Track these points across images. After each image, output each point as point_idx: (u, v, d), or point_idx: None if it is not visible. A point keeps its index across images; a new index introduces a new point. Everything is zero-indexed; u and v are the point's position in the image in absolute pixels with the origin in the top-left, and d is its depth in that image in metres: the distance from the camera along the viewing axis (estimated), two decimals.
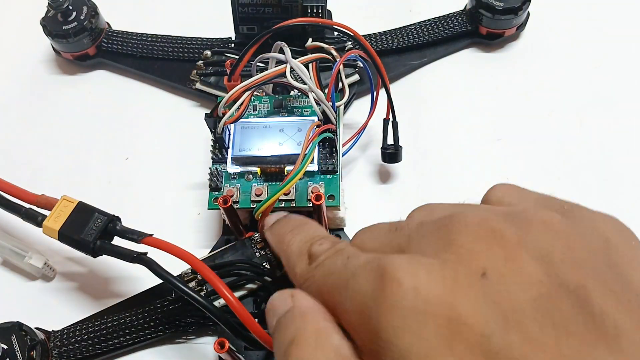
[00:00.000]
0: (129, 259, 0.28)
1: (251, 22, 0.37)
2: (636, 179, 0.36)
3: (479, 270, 0.15)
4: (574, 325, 0.14)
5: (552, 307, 0.15)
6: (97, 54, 0.42)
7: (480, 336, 0.14)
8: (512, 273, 0.15)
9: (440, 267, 0.16)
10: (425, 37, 0.41)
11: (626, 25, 0.43)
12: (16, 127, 0.40)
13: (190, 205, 0.36)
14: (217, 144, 0.32)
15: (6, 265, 0.35)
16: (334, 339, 0.17)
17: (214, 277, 0.25)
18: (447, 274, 0.16)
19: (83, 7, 0.40)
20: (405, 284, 0.15)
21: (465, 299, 0.15)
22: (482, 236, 0.16)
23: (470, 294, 0.15)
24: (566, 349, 0.14)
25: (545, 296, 0.15)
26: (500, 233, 0.16)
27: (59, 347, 0.30)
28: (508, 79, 0.41)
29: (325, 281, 0.19)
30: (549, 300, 0.15)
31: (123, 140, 0.39)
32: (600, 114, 0.39)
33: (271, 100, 0.34)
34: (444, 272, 0.16)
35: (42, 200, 0.30)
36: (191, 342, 0.32)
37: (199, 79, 0.39)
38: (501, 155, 0.38)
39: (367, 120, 0.35)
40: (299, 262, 0.21)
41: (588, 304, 0.15)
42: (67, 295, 0.33)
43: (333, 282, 0.19)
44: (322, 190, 0.31)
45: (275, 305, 0.20)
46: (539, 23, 0.43)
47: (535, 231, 0.17)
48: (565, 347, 0.14)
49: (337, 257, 0.19)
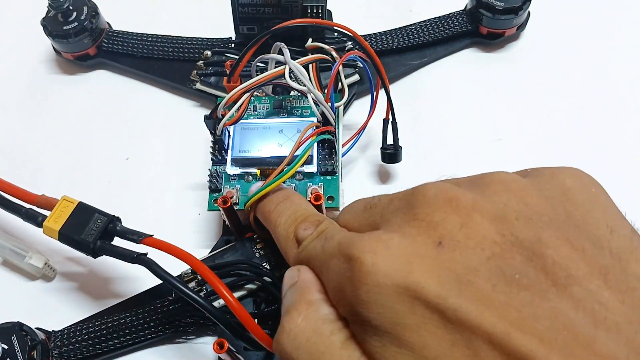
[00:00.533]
0: (129, 259, 0.28)
1: (251, 22, 0.37)
2: (636, 179, 0.36)
3: (435, 240, 0.17)
4: (525, 279, 0.16)
5: (505, 265, 0.16)
6: (98, 54, 0.42)
7: (437, 297, 0.16)
8: (466, 238, 0.17)
9: (398, 240, 0.17)
10: (425, 37, 0.41)
11: (626, 25, 0.43)
12: (16, 127, 0.40)
13: (190, 206, 0.36)
14: (216, 145, 0.32)
15: (6, 265, 0.35)
16: (323, 309, 0.19)
17: (213, 277, 0.25)
18: (404, 245, 0.17)
19: (83, 7, 0.40)
20: (365, 263, 0.17)
21: (422, 267, 0.16)
22: (439, 205, 0.18)
23: (426, 263, 0.17)
24: (517, 302, 0.15)
25: (498, 255, 0.16)
26: (455, 201, 0.18)
27: (59, 347, 0.30)
28: (508, 79, 0.41)
29: (311, 263, 0.21)
30: (502, 258, 0.16)
31: (123, 140, 0.39)
32: (600, 113, 0.39)
33: (271, 101, 0.34)
34: (402, 244, 0.17)
35: (42, 200, 0.30)
36: (191, 342, 0.32)
37: (199, 79, 0.39)
38: (501, 155, 0.38)
39: (367, 120, 0.35)
40: (289, 248, 0.24)
41: (541, 257, 0.16)
42: (67, 296, 0.34)
43: (316, 264, 0.21)
44: (321, 191, 0.31)
45: (286, 280, 0.22)
46: (540, 23, 0.43)
47: (493, 192, 0.18)
48: (516, 300, 0.15)
49: (318, 241, 0.22)
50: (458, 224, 0.17)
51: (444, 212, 0.17)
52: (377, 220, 0.20)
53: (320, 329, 0.19)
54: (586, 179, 0.19)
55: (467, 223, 0.17)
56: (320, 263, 0.20)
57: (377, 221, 0.20)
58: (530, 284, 0.15)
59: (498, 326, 0.15)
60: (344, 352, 0.18)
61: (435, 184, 0.19)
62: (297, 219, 0.24)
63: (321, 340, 0.18)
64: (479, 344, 0.15)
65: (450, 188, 0.18)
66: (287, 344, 0.19)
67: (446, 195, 0.18)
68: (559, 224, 0.17)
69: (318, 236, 0.22)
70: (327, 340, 0.18)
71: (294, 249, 0.23)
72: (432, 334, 0.16)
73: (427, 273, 0.16)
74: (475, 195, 0.18)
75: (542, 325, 0.15)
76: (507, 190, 0.18)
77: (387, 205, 0.20)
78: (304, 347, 0.18)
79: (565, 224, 0.17)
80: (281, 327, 0.20)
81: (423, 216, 0.18)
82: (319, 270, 0.21)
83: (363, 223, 0.21)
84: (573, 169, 0.19)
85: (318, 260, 0.21)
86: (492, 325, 0.15)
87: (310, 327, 0.19)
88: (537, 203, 0.17)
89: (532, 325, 0.15)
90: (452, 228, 0.17)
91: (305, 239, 0.22)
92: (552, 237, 0.16)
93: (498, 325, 0.15)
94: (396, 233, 0.18)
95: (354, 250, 0.18)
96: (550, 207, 0.17)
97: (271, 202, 0.27)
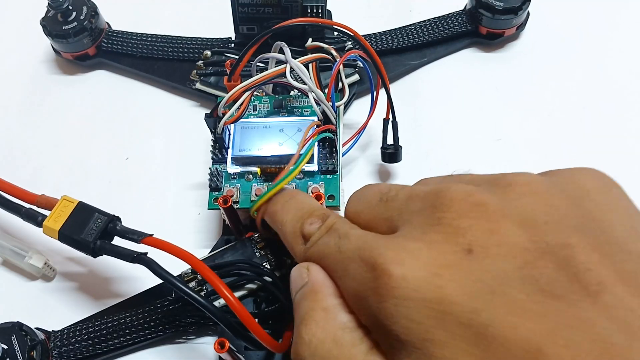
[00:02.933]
0: (129, 259, 0.27)
1: (251, 22, 0.37)
2: (636, 179, 0.36)
3: (464, 247, 0.16)
4: (559, 288, 0.15)
5: (538, 273, 0.15)
6: (97, 54, 0.42)
7: (469, 312, 0.15)
8: (497, 245, 0.16)
9: (427, 250, 0.17)
10: (425, 37, 0.41)
11: (626, 24, 0.43)
12: (16, 127, 0.40)
13: (190, 205, 0.36)
14: (217, 144, 0.32)
15: (6, 265, 0.35)
16: (341, 317, 0.18)
17: (214, 277, 0.25)
18: (433, 256, 0.16)
19: (83, 7, 0.40)
20: (394, 275, 0.16)
21: (452, 279, 0.16)
22: (466, 211, 0.17)
23: (457, 274, 0.16)
24: (552, 312, 0.15)
25: (530, 263, 0.15)
26: (484, 206, 0.17)
27: (59, 347, 0.30)
28: (508, 79, 0.41)
29: (322, 262, 0.20)
30: (534, 266, 0.15)
31: (123, 140, 0.39)
32: (601, 114, 0.39)
33: (271, 100, 0.34)
34: (430, 254, 0.16)
35: (42, 200, 0.30)
36: (191, 342, 0.32)
37: (199, 79, 0.39)
38: (501, 155, 0.38)
39: (367, 120, 0.35)
40: (295, 244, 0.23)
41: (573, 263, 0.15)
42: (67, 295, 0.33)
43: (329, 264, 0.20)
44: (322, 190, 0.31)
45: (294, 279, 0.21)
46: (539, 23, 0.43)
47: (517, 195, 0.17)
48: (552, 310, 0.15)
49: (330, 237, 0.20)
50: (487, 230, 0.16)
51: (472, 218, 0.17)
52: (394, 218, 0.19)
53: (340, 340, 0.18)
54: (606, 180, 0.18)
55: (497, 229, 0.16)
56: (336, 264, 0.19)
57: (394, 218, 0.19)
58: (563, 292, 0.15)
59: (533, 341, 0.14)
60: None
61: (460, 187, 0.18)
62: (303, 215, 0.23)
63: (342, 353, 0.18)
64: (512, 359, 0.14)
65: (476, 191, 0.17)
66: (307, 356, 0.18)
67: (473, 199, 0.17)
68: (586, 228, 0.16)
69: (327, 231, 0.21)
70: (349, 352, 0.18)
71: (301, 244, 0.22)
72: (463, 351, 0.15)
73: (458, 286, 0.16)
74: (502, 199, 0.17)
75: (578, 337, 0.14)
76: (533, 193, 0.17)
77: (405, 202, 0.19)
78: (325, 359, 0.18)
79: (592, 228, 0.16)
80: (299, 337, 0.19)
81: (449, 221, 0.17)
82: (333, 271, 0.20)
83: (378, 217, 0.20)
84: (591, 170, 0.18)
85: (332, 260, 0.20)
86: (526, 341, 0.14)
87: (329, 337, 0.18)
88: (564, 206, 0.17)
89: (568, 337, 0.14)
90: (482, 235, 0.16)
91: (313, 233, 0.21)
92: (582, 242, 0.16)
93: (533, 340, 0.14)
94: (422, 242, 0.17)
95: (378, 259, 0.17)
96: (575, 209, 0.17)
97: (277, 202, 0.26)
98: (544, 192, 0.17)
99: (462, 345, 0.15)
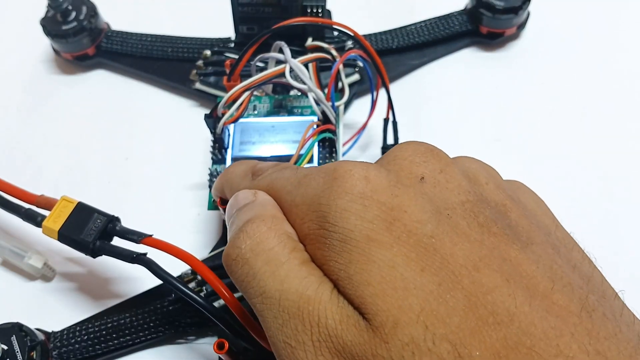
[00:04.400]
0: (129, 259, 0.27)
1: (251, 22, 0.37)
2: (637, 179, 0.36)
3: (418, 175, 0.18)
4: (495, 228, 0.17)
5: (478, 211, 0.17)
6: (97, 54, 0.42)
7: (417, 222, 0.16)
8: (446, 181, 0.18)
9: (386, 172, 0.18)
10: (425, 37, 0.41)
11: (627, 24, 0.43)
12: (15, 127, 0.40)
13: (190, 206, 0.36)
14: (216, 144, 0.32)
15: (6, 266, 0.34)
16: (287, 226, 0.19)
17: (213, 277, 0.25)
18: (391, 177, 0.18)
19: (82, 7, 0.40)
20: (356, 174, 0.17)
21: (406, 193, 0.17)
22: (421, 151, 0.19)
23: (411, 191, 0.17)
24: (488, 243, 0.16)
25: (472, 202, 0.17)
26: (436, 151, 0.19)
27: (59, 348, 0.30)
28: (508, 79, 0.41)
29: (273, 185, 0.20)
30: (475, 205, 0.17)
31: (123, 140, 0.39)
32: (601, 114, 0.39)
33: (271, 100, 0.34)
34: (389, 176, 0.18)
35: (42, 200, 0.30)
36: (191, 342, 0.32)
37: (198, 79, 0.39)
38: (501, 155, 0.37)
39: (367, 120, 0.35)
40: (243, 182, 0.22)
41: (507, 216, 0.18)
42: (67, 296, 0.33)
43: (282, 185, 0.20)
44: None
45: (239, 198, 0.21)
46: (540, 22, 0.43)
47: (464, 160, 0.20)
48: (487, 241, 0.16)
49: (285, 169, 0.21)
50: (438, 169, 0.18)
51: (425, 157, 0.18)
52: None
53: (284, 242, 0.18)
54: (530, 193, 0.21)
55: (446, 170, 0.18)
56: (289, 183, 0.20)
57: None
58: (499, 232, 0.17)
59: (469, 259, 0.16)
60: (304, 268, 0.17)
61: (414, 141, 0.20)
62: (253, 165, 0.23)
63: (283, 252, 0.18)
64: (447, 273, 0.15)
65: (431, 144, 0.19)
66: (247, 248, 0.18)
67: (428, 146, 0.19)
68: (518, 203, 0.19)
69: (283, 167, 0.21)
70: (290, 255, 0.18)
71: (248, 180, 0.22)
72: (404, 255, 0.16)
73: (410, 199, 0.17)
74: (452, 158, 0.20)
75: (508, 267, 0.16)
76: (476, 162, 0.20)
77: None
78: (265, 254, 0.18)
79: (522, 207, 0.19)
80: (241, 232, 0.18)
81: (404, 157, 0.19)
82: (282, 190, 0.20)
83: None
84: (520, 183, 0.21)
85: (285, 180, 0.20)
86: (464, 258, 0.16)
87: (275, 236, 0.18)
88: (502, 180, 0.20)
89: (500, 265, 0.16)
90: (433, 170, 0.18)
91: (267, 169, 0.22)
92: (515, 207, 0.18)
93: (470, 258, 0.16)
94: (382, 167, 0.18)
95: (344, 166, 0.18)
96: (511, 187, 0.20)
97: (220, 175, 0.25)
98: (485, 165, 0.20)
99: (403, 250, 0.16)
